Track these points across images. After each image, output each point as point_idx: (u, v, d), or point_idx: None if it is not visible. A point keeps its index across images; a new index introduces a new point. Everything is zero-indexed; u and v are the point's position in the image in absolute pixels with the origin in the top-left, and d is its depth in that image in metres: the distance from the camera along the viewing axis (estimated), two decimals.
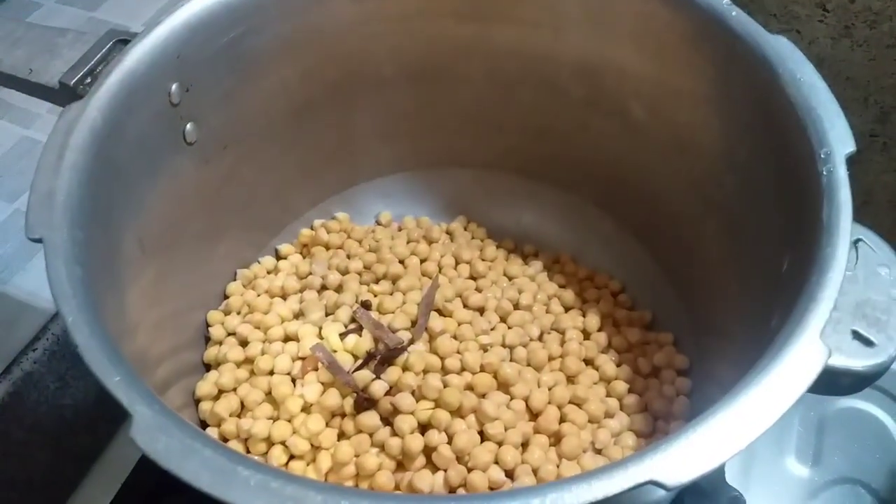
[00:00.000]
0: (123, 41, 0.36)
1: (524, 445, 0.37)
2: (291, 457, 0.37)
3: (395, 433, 0.36)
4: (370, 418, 0.37)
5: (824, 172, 0.29)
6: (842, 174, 0.29)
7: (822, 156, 0.29)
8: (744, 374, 0.26)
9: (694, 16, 0.36)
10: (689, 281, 0.44)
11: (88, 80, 0.35)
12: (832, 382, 0.27)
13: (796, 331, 0.25)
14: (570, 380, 0.41)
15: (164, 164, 0.37)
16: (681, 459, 0.22)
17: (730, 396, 0.24)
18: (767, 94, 0.32)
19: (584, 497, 0.21)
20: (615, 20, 0.39)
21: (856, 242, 0.30)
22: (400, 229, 0.50)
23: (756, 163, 0.35)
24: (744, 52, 0.33)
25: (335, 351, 0.39)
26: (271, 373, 0.39)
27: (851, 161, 0.30)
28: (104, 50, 0.36)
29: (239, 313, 0.44)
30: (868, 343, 0.27)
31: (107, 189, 0.32)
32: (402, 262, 0.46)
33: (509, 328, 0.43)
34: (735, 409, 0.23)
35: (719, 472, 0.44)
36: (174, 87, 0.36)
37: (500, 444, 0.37)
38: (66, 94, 0.35)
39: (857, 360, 0.27)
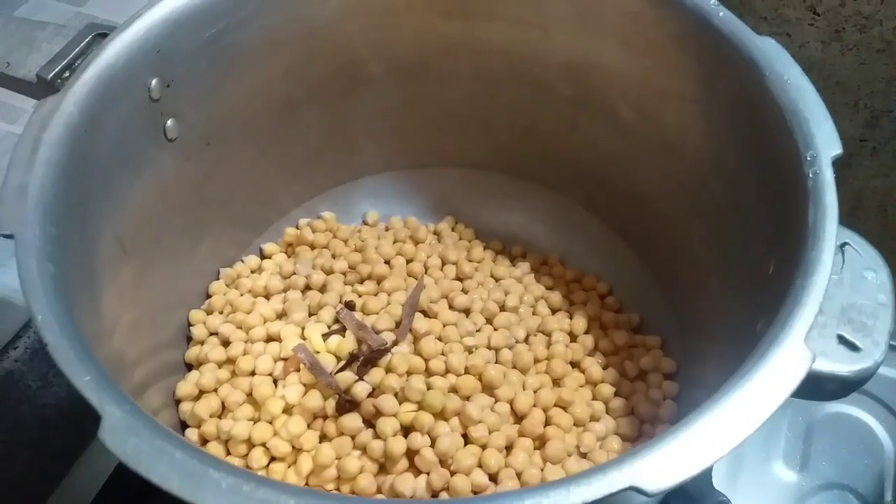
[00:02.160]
0: (103, 35, 0.35)
1: (508, 449, 0.37)
2: (272, 459, 0.37)
3: (377, 436, 0.36)
4: (352, 420, 0.36)
5: (810, 175, 0.29)
6: (828, 177, 0.28)
7: (809, 158, 0.29)
8: (728, 378, 0.26)
9: (681, 15, 0.35)
10: (677, 284, 0.43)
11: (67, 74, 0.35)
12: (817, 387, 0.27)
13: (781, 335, 0.25)
14: (556, 382, 0.41)
15: (144, 160, 0.36)
16: (662, 465, 0.22)
17: (712, 401, 0.23)
18: (754, 95, 0.32)
19: (562, 503, 0.21)
20: (603, 19, 0.39)
21: (842, 246, 0.30)
22: (387, 229, 0.50)
23: (743, 165, 0.34)
24: (730, 52, 0.33)
25: (317, 352, 0.39)
26: (253, 373, 0.39)
27: (840, 165, 0.30)
28: (83, 44, 0.35)
29: (221, 313, 0.43)
30: (854, 348, 0.27)
31: (83, 185, 0.31)
32: (387, 262, 0.46)
33: (495, 330, 0.42)
34: (717, 413, 0.23)
35: (706, 477, 0.43)
36: (154, 82, 0.35)
37: (483, 447, 0.36)
38: (43, 88, 0.34)
39: (842, 365, 0.27)
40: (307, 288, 0.44)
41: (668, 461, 0.22)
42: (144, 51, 0.35)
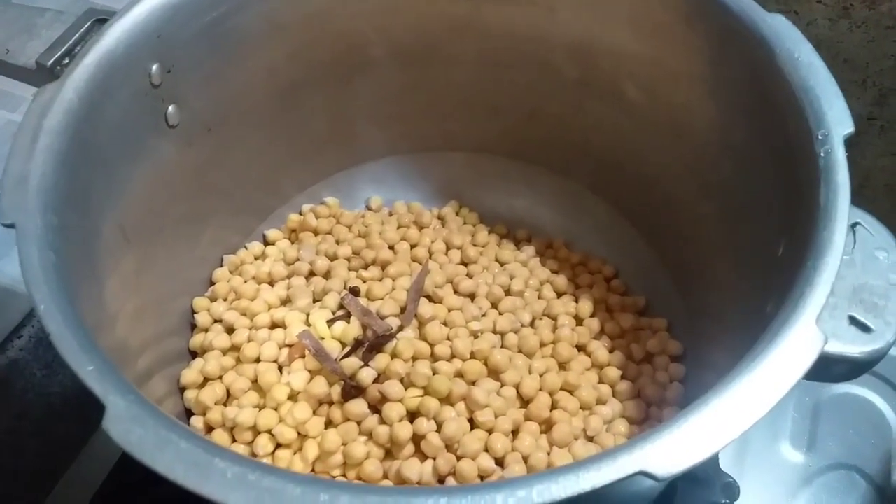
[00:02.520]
0: (102, 20, 0.35)
1: (514, 433, 0.37)
2: (278, 445, 0.36)
3: (383, 421, 0.36)
4: (358, 406, 0.36)
5: (822, 154, 0.28)
6: (840, 156, 0.28)
7: (820, 137, 0.28)
8: (738, 361, 0.25)
9: None
10: (684, 266, 0.43)
11: (66, 60, 0.34)
12: (828, 369, 0.27)
13: (792, 317, 0.24)
14: (562, 366, 0.41)
15: (146, 147, 0.36)
16: (671, 449, 0.22)
17: (723, 384, 0.23)
18: (764, 73, 0.32)
19: (572, 488, 0.21)
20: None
21: (853, 226, 0.29)
22: (391, 214, 0.49)
23: (753, 145, 0.34)
24: (740, 30, 0.32)
25: (322, 338, 0.39)
26: (258, 360, 0.39)
27: (849, 143, 0.29)
28: (82, 30, 0.35)
29: (225, 300, 0.43)
30: (865, 329, 0.27)
31: (84, 173, 0.31)
32: (391, 247, 0.45)
33: (500, 314, 0.42)
34: (728, 397, 0.23)
35: (713, 459, 0.43)
36: (155, 67, 0.35)
37: (490, 431, 0.36)
38: (43, 75, 0.34)
39: (853, 347, 0.27)
40: (311, 274, 0.44)
41: (677, 446, 0.22)
42: (144, 36, 0.34)
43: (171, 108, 0.37)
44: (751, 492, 0.44)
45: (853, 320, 0.27)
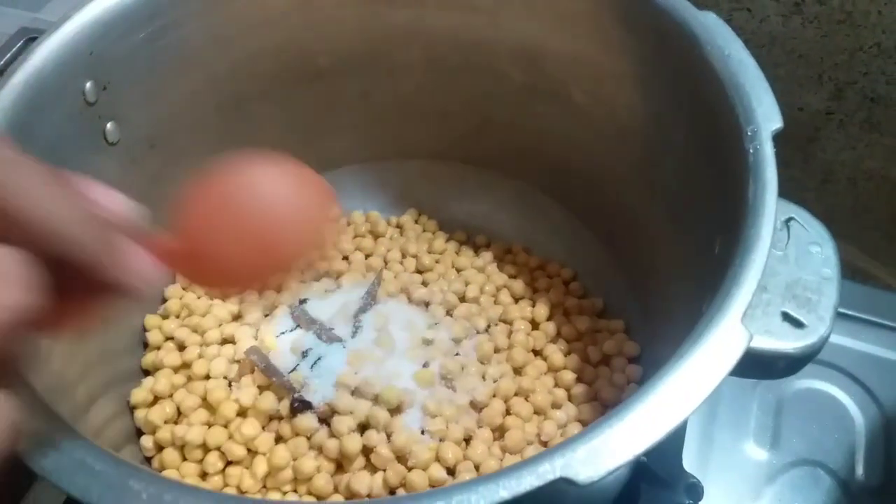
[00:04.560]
0: (34, 39, 0.34)
1: (467, 441, 0.36)
2: (229, 463, 0.36)
3: (332, 434, 0.35)
4: (307, 420, 0.36)
5: (751, 150, 0.28)
6: (768, 151, 0.28)
7: (749, 133, 0.28)
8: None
9: None
10: (637, 266, 0.43)
11: None
12: (765, 365, 0.27)
13: (717, 315, 0.24)
14: (517, 371, 0.40)
15: (84, 166, 0.35)
16: (592, 455, 0.21)
17: (646, 387, 0.23)
18: (696, 71, 0.32)
19: (492, 498, 0.20)
20: (548, 2, 0.38)
21: (787, 221, 0.29)
22: (348, 224, 0.49)
23: (690, 143, 0.34)
24: (671, 28, 0.33)
25: (269, 351, 0.38)
26: (207, 377, 0.38)
27: (806, 139, 0.29)
28: (14, 49, 0.34)
29: (178, 316, 0.42)
30: (798, 324, 0.27)
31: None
32: (345, 258, 0.45)
33: (455, 321, 0.42)
34: (651, 399, 0.22)
35: (676, 460, 0.43)
36: (89, 84, 0.35)
37: (441, 440, 0.36)
38: None
39: (787, 343, 0.27)
40: None
41: (598, 451, 0.21)
42: (76, 53, 0.34)
43: (109, 125, 0.37)
44: (715, 491, 0.44)
45: (786, 316, 0.27)
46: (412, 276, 0.45)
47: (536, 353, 0.42)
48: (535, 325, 0.43)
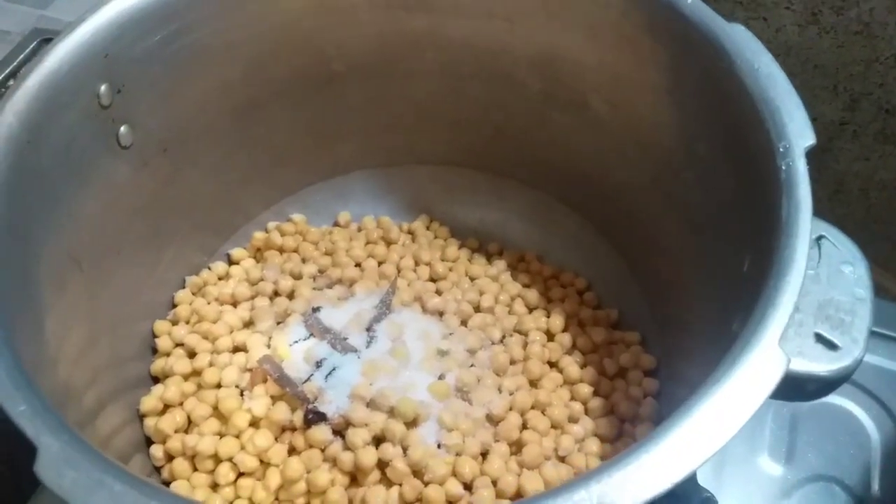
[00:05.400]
0: (49, 40, 0.34)
1: (484, 455, 0.36)
2: (240, 474, 0.35)
3: (347, 447, 0.35)
4: (321, 432, 0.35)
5: (783, 167, 0.27)
6: (801, 169, 0.27)
7: (781, 149, 0.28)
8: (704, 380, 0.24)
9: (650, 5, 0.34)
10: (655, 278, 0.42)
11: (11, 82, 0.33)
12: (796, 388, 0.26)
13: (754, 338, 0.24)
14: (533, 384, 0.40)
15: (97, 169, 0.35)
16: (629, 483, 0.21)
17: (681, 412, 0.22)
18: (724, 85, 0.31)
19: None
20: (569, 10, 0.38)
21: (818, 239, 0.29)
22: (360, 230, 0.48)
23: (715, 157, 0.33)
24: (699, 41, 0.32)
25: (283, 360, 0.38)
26: (219, 386, 0.38)
27: (820, 149, 0.29)
28: (28, 50, 0.34)
29: (188, 322, 0.42)
30: (832, 346, 0.26)
31: (25, 201, 0.30)
32: (358, 265, 0.45)
33: (470, 331, 0.41)
34: (687, 426, 0.22)
35: (687, 479, 0.42)
36: (103, 87, 0.34)
37: (458, 454, 0.35)
38: None
39: (820, 365, 0.26)
40: (275, 294, 0.43)
41: (635, 479, 0.21)
42: (91, 55, 0.33)
43: (122, 128, 0.36)
44: None
45: (819, 337, 0.26)
46: (426, 284, 0.44)
47: (552, 364, 0.41)
48: (550, 336, 0.43)
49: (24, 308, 0.28)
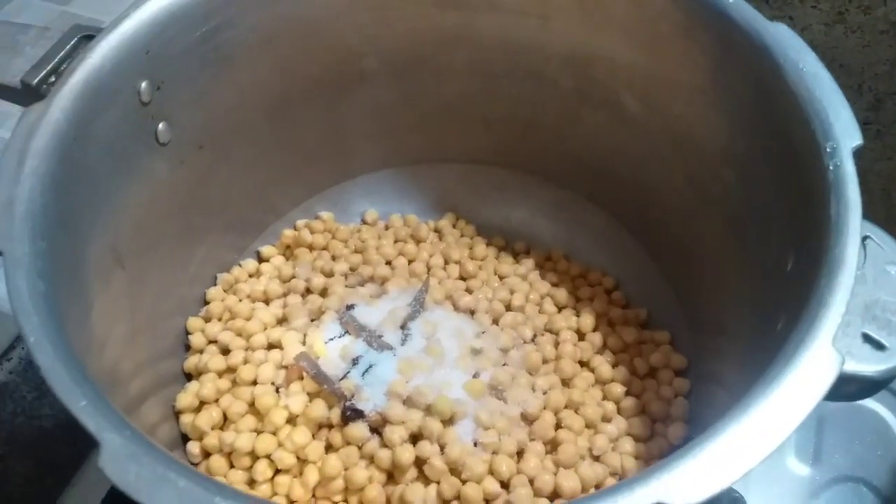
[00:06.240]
0: (89, 37, 0.34)
1: (519, 454, 0.36)
2: (277, 471, 0.36)
3: (384, 444, 0.35)
4: (358, 429, 0.35)
5: (831, 167, 0.28)
6: (849, 169, 0.27)
7: (828, 150, 0.28)
8: (748, 378, 0.25)
9: (689, 4, 0.34)
10: (687, 277, 0.42)
11: (53, 78, 0.33)
12: (842, 389, 0.26)
13: (807, 337, 0.24)
14: (566, 383, 0.40)
15: (136, 166, 0.35)
16: (689, 479, 0.21)
17: (738, 409, 0.22)
18: (768, 84, 0.31)
19: None
20: (606, 9, 0.38)
21: (864, 240, 0.29)
22: (387, 228, 0.48)
23: (756, 156, 0.33)
24: (742, 40, 0.32)
25: (319, 357, 0.38)
26: (254, 383, 0.38)
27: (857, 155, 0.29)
28: (68, 47, 0.34)
29: (220, 319, 0.42)
30: (879, 346, 0.26)
31: (73, 195, 0.30)
32: (388, 263, 0.45)
33: (502, 330, 0.41)
34: (745, 423, 0.22)
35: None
36: (144, 84, 0.34)
37: (494, 453, 0.35)
38: (28, 94, 0.33)
39: (868, 365, 0.26)
40: (307, 291, 0.43)
41: (695, 475, 0.21)
42: (133, 52, 0.33)
43: (161, 125, 0.36)
44: None
45: (867, 338, 0.26)
46: (456, 282, 0.44)
47: (583, 364, 0.41)
48: (580, 335, 0.43)
49: (75, 302, 0.28)
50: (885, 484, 0.44)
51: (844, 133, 0.28)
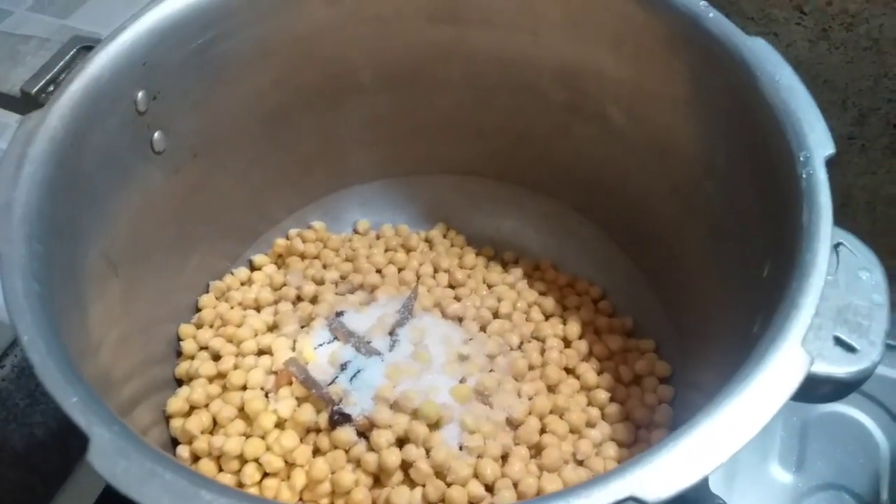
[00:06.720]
0: (88, 48, 0.35)
1: (504, 458, 0.36)
2: (266, 474, 0.36)
3: (371, 448, 0.36)
4: (346, 433, 0.36)
5: (804, 175, 0.28)
6: (821, 177, 0.28)
7: (802, 159, 0.29)
8: (725, 382, 0.25)
9: (671, 18, 0.35)
10: (671, 286, 0.43)
11: (51, 88, 0.34)
12: (814, 390, 0.27)
13: (778, 338, 0.25)
14: (551, 389, 0.40)
15: (132, 174, 0.36)
16: (662, 473, 0.21)
17: (710, 406, 0.23)
18: (745, 96, 0.32)
19: None
20: (593, 23, 0.39)
21: (836, 246, 0.29)
22: (378, 237, 0.49)
23: (735, 166, 0.34)
24: (721, 54, 0.33)
25: (308, 363, 0.38)
26: (244, 388, 0.38)
27: (830, 164, 0.30)
28: (67, 57, 0.35)
29: (212, 326, 0.42)
30: (850, 349, 0.27)
31: (70, 201, 0.31)
32: (378, 271, 0.45)
33: (489, 337, 0.42)
34: (717, 419, 0.23)
35: (702, 481, 0.43)
36: (140, 94, 0.35)
37: (479, 457, 0.36)
38: (28, 103, 0.34)
39: (839, 367, 0.27)
40: (298, 299, 0.44)
41: (668, 469, 0.22)
42: (130, 63, 0.34)
43: (156, 134, 0.37)
44: None
45: (838, 340, 0.27)
46: (445, 290, 0.45)
47: (568, 371, 0.42)
48: (567, 343, 0.43)
49: (69, 306, 0.29)
50: (867, 491, 0.45)
51: (818, 143, 0.29)
